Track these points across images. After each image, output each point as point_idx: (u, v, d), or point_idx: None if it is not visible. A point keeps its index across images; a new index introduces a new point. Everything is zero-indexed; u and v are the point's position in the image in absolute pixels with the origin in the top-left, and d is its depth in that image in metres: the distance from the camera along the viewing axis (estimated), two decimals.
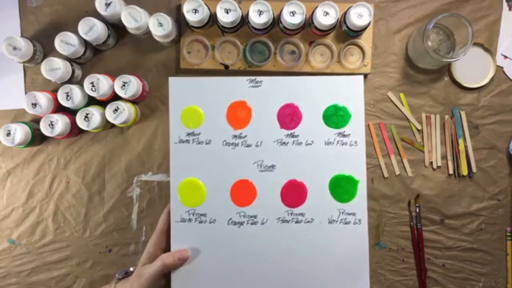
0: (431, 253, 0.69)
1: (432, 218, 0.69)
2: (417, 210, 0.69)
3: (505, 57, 0.69)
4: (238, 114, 0.58)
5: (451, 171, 0.69)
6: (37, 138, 0.68)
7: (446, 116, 0.70)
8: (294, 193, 0.58)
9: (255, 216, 0.57)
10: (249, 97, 0.57)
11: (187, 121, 0.58)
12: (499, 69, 0.70)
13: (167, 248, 0.58)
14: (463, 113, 0.69)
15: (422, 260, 0.69)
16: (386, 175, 0.69)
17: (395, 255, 0.69)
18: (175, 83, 0.58)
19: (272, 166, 0.58)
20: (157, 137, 0.70)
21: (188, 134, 0.57)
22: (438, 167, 0.70)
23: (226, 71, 0.68)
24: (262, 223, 0.57)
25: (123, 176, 0.70)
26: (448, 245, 0.69)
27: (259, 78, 0.57)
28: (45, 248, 0.70)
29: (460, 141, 0.69)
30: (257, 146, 0.58)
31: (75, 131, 0.67)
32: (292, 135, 0.57)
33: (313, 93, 0.57)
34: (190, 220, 0.57)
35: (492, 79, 0.69)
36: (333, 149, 0.57)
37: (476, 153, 0.70)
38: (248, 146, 0.58)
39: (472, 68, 0.69)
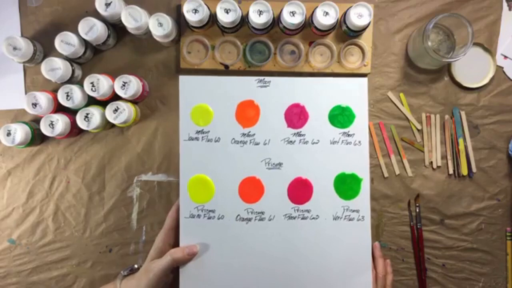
0: (431, 253, 0.69)
1: (432, 218, 0.69)
2: (417, 210, 0.69)
3: (505, 57, 0.70)
4: (247, 113, 0.59)
5: (451, 171, 0.69)
6: (37, 138, 0.68)
7: (446, 116, 0.70)
8: (300, 190, 0.59)
9: (262, 213, 0.59)
10: (257, 97, 0.59)
11: (197, 119, 0.59)
12: (499, 69, 0.70)
13: (175, 244, 0.59)
14: (463, 113, 0.69)
15: (422, 260, 0.69)
16: (386, 175, 0.70)
17: (395, 255, 0.69)
18: (185, 81, 0.59)
19: (279, 164, 0.59)
20: (157, 137, 0.70)
21: (198, 132, 0.59)
22: (438, 167, 0.70)
23: (226, 71, 0.68)
24: (270, 219, 0.59)
25: (123, 176, 0.70)
26: (448, 245, 0.69)
27: (267, 79, 0.59)
28: (45, 248, 0.70)
29: (460, 141, 0.69)
30: (265, 144, 0.59)
31: (75, 131, 0.68)
32: (299, 134, 0.59)
33: (319, 94, 0.59)
34: (199, 216, 0.59)
35: (492, 79, 0.69)
36: (338, 148, 0.59)
37: (476, 153, 0.70)
38: (256, 144, 0.59)
39: (472, 68, 0.69)
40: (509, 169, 0.70)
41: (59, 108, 0.66)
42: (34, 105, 0.64)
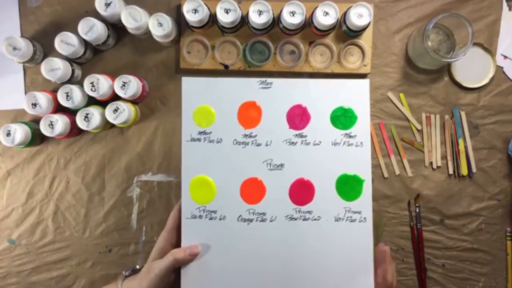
0: (431, 253, 0.69)
1: (432, 218, 0.69)
2: (417, 210, 0.69)
3: (505, 57, 0.70)
4: (249, 114, 0.59)
5: (451, 171, 0.69)
6: (37, 138, 0.68)
7: (446, 116, 0.70)
8: (302, 191, 0.59)
9: (264, 214, 0.59)
10: (259, 98, 0.59)
11: (199, 120, 0.59)
12: (499, 69, 0.70)
13: (177, 244, 0.59)
14: (463, 113, 0.69)
15: (422, 260, 0.69)
16: (386, 175, 0.70)
17: (395, 255, 0.69)
18: (188, 83, 0.59)
19: (281, 165, 0.59)
20: (157, 137, 0.70)
21: (200, 133, 0.59)
22: (438, 167, 0.70)
23: (226, 71, 0.68)
24: (271, 220, 0.59)
25: (123, 176, 0.70)
26: (448, 245, 0.69)
27: (269, 80, 0.59)
28: (45, 248, 0.70)
29: (460, 141, 0.69)
30: (266, 145, 0.59)
31: (75, 131, 0.68)
32: (301, 135, 0.59)
33: (321, 95, 0.59)
34: (200, 216, 0.58)
35: (492, 79, 0.69)
36: (340, 150, 0.59)
37: (476, 153, 0.70)
38: (258, 145, 0.59)
39: (472, 68, 0.69)
40: (509, 169, 0.70)
41: (59, 108, 0.66)
42: (34, 105, 0.64)
